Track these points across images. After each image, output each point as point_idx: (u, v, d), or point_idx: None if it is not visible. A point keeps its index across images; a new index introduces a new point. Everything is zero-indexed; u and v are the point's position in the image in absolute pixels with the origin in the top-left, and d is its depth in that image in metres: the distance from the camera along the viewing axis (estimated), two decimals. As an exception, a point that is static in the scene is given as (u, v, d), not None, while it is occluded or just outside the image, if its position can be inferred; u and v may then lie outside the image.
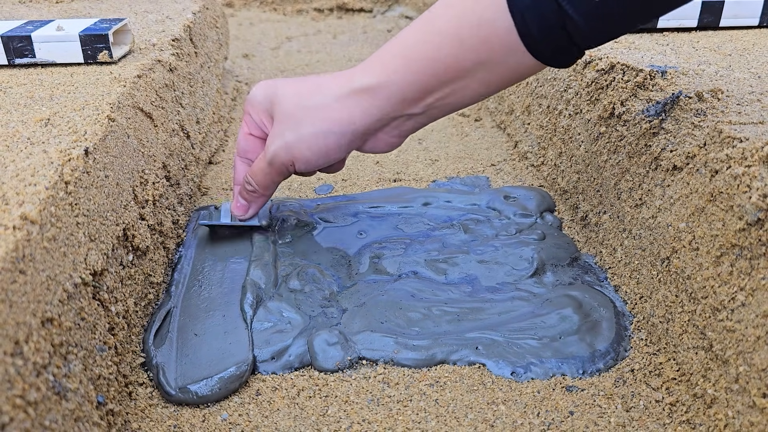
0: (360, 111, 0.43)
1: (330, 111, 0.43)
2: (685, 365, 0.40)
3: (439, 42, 0.39)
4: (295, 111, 0.44)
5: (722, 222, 0.38)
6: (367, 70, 0.42)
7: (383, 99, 0.42)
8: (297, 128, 0.44)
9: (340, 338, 0.44)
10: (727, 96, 0.46)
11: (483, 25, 0.38)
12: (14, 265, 0.29)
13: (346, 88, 0.43)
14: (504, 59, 0.39)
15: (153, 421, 0.38)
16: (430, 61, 0.40)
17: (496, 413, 0.39)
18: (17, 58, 0.55)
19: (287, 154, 0.46)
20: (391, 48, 0.42)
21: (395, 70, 0.41)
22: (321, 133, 0.44)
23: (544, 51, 0.38)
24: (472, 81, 0.40)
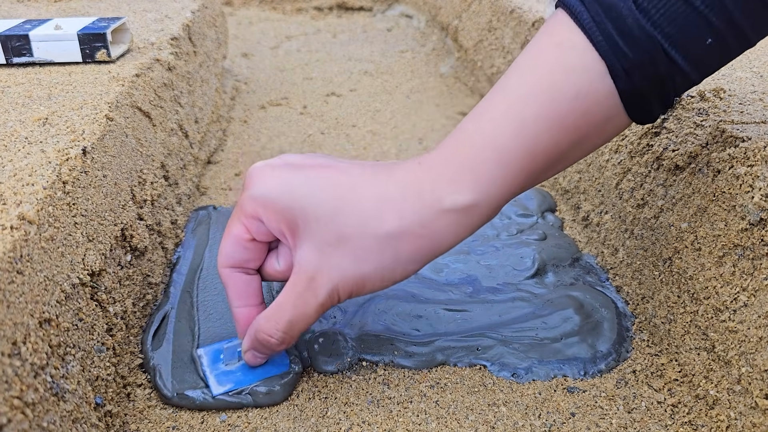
0: (452, 233, 0.34)
1: (416, 239, 0.34)
2: (687, 366, 0.39)
3: (535, 132, 0.32)
4: (364, 237, 0.34)
5: (724, 222, 0.37)
6: (457, 183, 0.34)
7: (478, 217, 0.34)
8: (369, 259, 0.34)
9: (340, 339, 0.43)
10: (729, 95, 0.46)
11: (581, 96, 0.32)
12: (12, 265, 0.29)
13: (433, 210, 0.34)
14: (601, 129, 0.33)
15: (151, 423, 0.38)
16: (529, 158, 0.33)
17: (497, 415, 0.39)
18: (15, 57, 0.55)
19: (351, 290, 0.35)
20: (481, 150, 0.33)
21: (492, 182, 0.33)
22: (402, 263, 0.35)
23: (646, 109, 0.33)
24: (563, 164, 0.35)
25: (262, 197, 0.35)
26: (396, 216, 0.34)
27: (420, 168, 0.35)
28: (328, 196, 0.34)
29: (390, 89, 0.95)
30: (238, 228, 0.37)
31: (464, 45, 0.99)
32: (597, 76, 0.32)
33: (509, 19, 0.83)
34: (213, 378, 0.39)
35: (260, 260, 0.38)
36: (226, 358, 0.41)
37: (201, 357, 0.41)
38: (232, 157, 0.72)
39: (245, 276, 0.38)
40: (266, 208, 0.35)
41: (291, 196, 0.35)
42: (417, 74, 1.02)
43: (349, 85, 0.96)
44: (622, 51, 0.31)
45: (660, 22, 0.31)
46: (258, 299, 0.39)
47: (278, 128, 0.80)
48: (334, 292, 0.35)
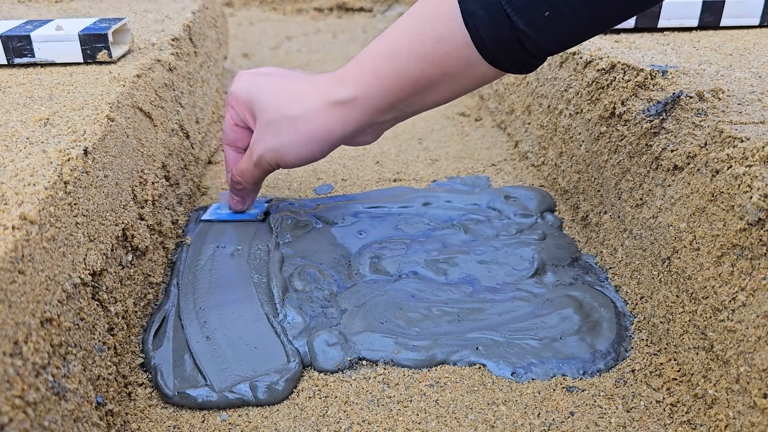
0: (338, 122, 0.46)
1: (309, 123, 0.46)
2: (685, 365, 0.40)
3: (404, 59, 0.42)
4: (277, 119, 0.47)
5: (723, 222, 0.37)
6: (343, 83, 0.45)
7: (359, 111, 0.45)
8: (279, 135, 0.48)
9: (340, 339, 0.43)
10: (728, 96, 0.46)
11: (442, 42, 0.40)
12: (13, 265, 0.29)
13: (323, 100, 0.45)
14: (466, 70, 0.41)
15: (152, 422, 0.38)
16: (398, 77, 0.43)
17: (496, 414, 0.39)
18: (16, 58, 0.55)
19: (272, 158, 0.49)
20: (363, 63, 0.44)
21: (368, 85, 0.44)
22: (302, 141, 0.47)
23: (502, 62, 0.40)
24: (438, 89, 0.43)
25: (234, 93, 0.51)
26: (299, 103, 0.47)
27: (330, 75, 0.47)
28: (270, 93, 0.48)
29: (390, 89, 0.94)
30: (227, 115, 0.53)
31: (464, 45, 0.99)
32: (456, 27, 0.39)
33: (509, 19, 0.83)
34: (208, 212, 0.58)
35: (245, 141, 0.53)
36: (222, 207, 0.59)
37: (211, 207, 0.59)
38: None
39: (235, 153, 0.55)
40: (236, 100, 0.51)
41: (249, 93, 0.50)
42: (417, 74, 1.02)
43: (350, 85, 0.96)
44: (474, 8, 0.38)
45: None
46: None
47: (278, 128, 0.80)
48: (261, 157, 0.50)
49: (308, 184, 0.66)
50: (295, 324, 0.45)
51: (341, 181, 0.66)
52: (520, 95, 0.74)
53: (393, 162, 0.70)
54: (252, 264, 0.51)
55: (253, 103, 0.49)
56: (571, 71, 0.61)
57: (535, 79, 0.70)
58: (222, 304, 0.46)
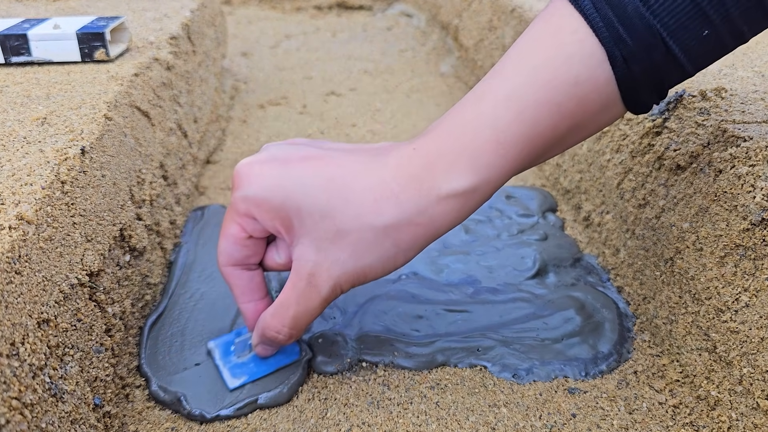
0: (451, 219, 0.34)
1: (415, 228, 0.34)
2: (688, 367, 0.39)
3: (534, 117, 0.33)
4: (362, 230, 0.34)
5: (726, 222, 0.37)
6: (455, 167, 0.33)
7: (476, 200, 0.34)
8: (369, 251, 0.34)
9: (340, 340, 0.43)
10: (731, 95, 0.45)
11: (581, 82, 0.32)
12: (10, 265, 0.29)
13: (430, 197, 0.34)
14: (598, 117, 0.34)
15: (150, 424, 0.38)
16: (527, 143, 0.33)
17: (497, 416, 0.38)
18: (13, 57, 0.55)
19: (353, 282, 0.36)
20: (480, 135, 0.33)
21: (490, 166, 0.33)
22: (402, 252, 0.35)
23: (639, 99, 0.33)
24: (559, 148, 0.35)
25: (254, 197, 0.35)
26: (393, 207, 0.34)
27: (415, 154, 0.34)
28: (321, 190, 0.34)
29: (390, 88, 0.94)
30: (233, 228, 0.37)
31: (464, 44, 0.99)
32: (596, 63, 0.32)
33: (510, 18, 0.83)
34: (227, 371, 0.40)
35: (260, 255, 0.38)
36: (237, 351, 0.41)
37: (213, 350, 0.41)
38: (231, 157, 0.72)
39: (247, 272, 0.38)
40: (259, 207, 0.35)
41: (283, 194, 0.34)
42: (417, 73, 1.01)
43: (349, 84, 0.96)
44: (622, 38, 0.31)
45: (659, 12, 0.31)
46: (263, 292, 0.39)
47: (278, 128, 0.80)
48: (336, 286, 0.35)
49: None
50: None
51: (341, 181, 0.66)
52: (520, 94, 0.74)
53: (393, 161, 0.70)
54: None
55: (302, 209, 0.34)
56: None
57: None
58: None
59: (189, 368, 0.41)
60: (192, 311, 0.46)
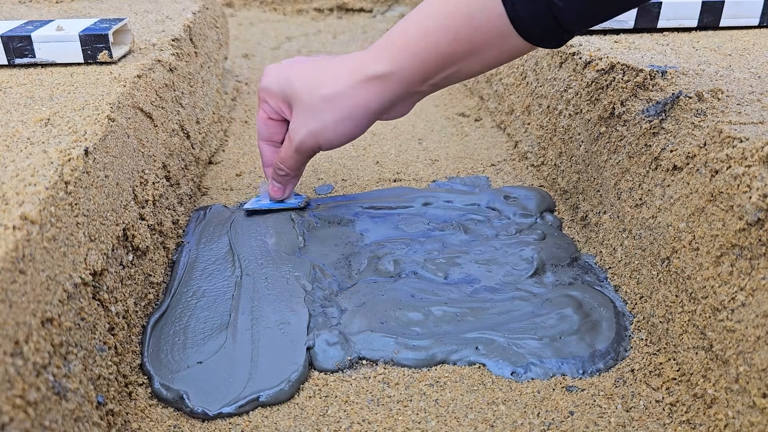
0: (374, 96, 0.47)
1: (347, 99, 0.48)
2: (685, 365, 0.40)
3: (435, 35, 0.43)
4: (314, 101, 0.49)
5: (722, 222, 0.38)
6: (377, 58, 0.46)
7: (394, 84, 0.46)
8: (318, 117, 0.49)
9: (340, 338, 0.43)
10: (727, 96, 0.46)
11: (475, 17, 0.42)
12: (14, 265, 0.29)
13: (359, 76, 0.47)
14: (497, 44, 0.43)
15: (153, 421, 0.38)
16: (430, 53, 0.44)
17: (496, 413, 0.39)
18: (17, 58, 0.55)
19: (313, 140, 0.50)
20: (396, 39, 0.46)
21: (401, 60, 0.45)
22: (342, 119, 0.48)
23: (534, 34, 0.41)
24: (469, 63, 0.45)
25: (265, 87, 0.53)
26: (333, 82, 0.48)
27: (359, 53, 0.48)
28: (302, 79, 0.50)
29: (390, 90, 0.94)
30: (259, 111, 0.55)
31: (464, 45, 0.99)
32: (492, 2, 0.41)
33: (509, 19, 0.83)
34: (249, 203, 0.59)
35: (280, 134, 0.55)
36: (262, 197, 0.60)
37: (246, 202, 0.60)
38: (233, 158, 0.72)
39: (272, 147, 0.56)
40: (269, 94, 0.53)
41: (278, 85, 0.52)
42: (417, 75, 1.02)
43: (350, 85, 0.96)
44: None
45: None
46: None
47: (279, 129, 0.80)
48: (303, 141, 0.51)
49: (308, 184, 0.66)
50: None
51: (341, 181, 0.66)
52: (519, 95, 0.75)
53: (393, 162, 0.70)
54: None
55: (287, 92, 0.51)
56: (571, 72, 0.61)
57: (535, 80, 0.70)
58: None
59: (191, 366, 0.41)
60: (194, 310, 0.46)
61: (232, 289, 0.48)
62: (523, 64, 0.75)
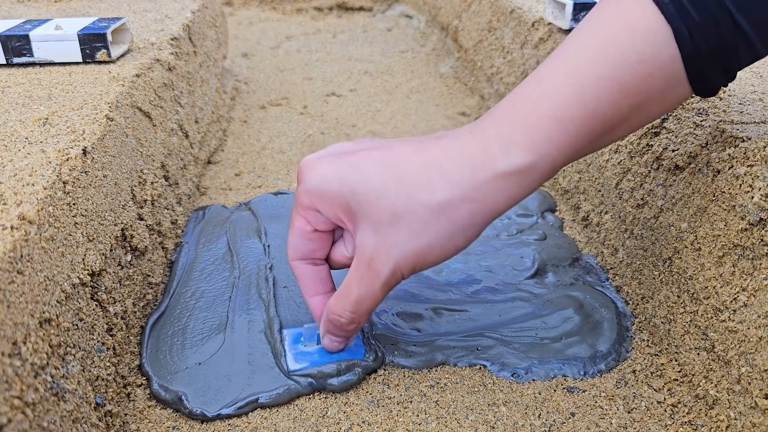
0: (509, 196, 0.34)
1: (470, 204, 0.34)
2: (686, 366, 0.40)
3: (596, 94, 0.32)
4: (417, 210, 0.34)
5: (724, 222, 0.37)
6: (511, 143, 0.33)
7: (535, 178, 0.34)
8: (426, 231, 0.34)
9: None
10: (729, 95, 0.46)
11: (646, 60, 0.32)
12: (12, 265, 0.29)
13: (486, 174, 0.34)
14: (662, 96, 0.33)
15: (152, 423, 0.38)
16: (588, 120, 0.33)
17: (496, 414, 0.39)
18: (15, 57, 0.55)
19: (413, 265, 0.36)
20: (536, 106, 0.33)
21: (549, 142, 0.33)
22: (460, 230, 0.35)
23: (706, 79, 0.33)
24: (622, 129, 0.34)
25: (316, 188, 0.36)
26: (447, 184, 0.34)
27: (471, 134, 0.35)
28: (376, 175, 0.35)
29: (390, 89, 0.95)
30: (299, 221, 0.38)
31: (464, 45, 0.99)
32: (662, 41, 0.31)
33: (509, 19, 0.83)
34: (291, 355, 0.41)
35: (326, 249, 0.39)
36: (306, 340, 0.42)
37: (285, 337, 0.43)
38: (232, 157, 0.72)
39: (313, 267, 0.39)
40: (321, 198, 0.36)
41: (341, 183, 0.35)
42: (417, 74, 1.02)
43: (349, 85, 0.96)
44: (689, 13, 0.31)
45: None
46: (328, 287, 0.40)
47: (278, 128, 0.80)
48: (396, 269, 0.35)
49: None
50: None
51: (341, 181, 0.66)
52: (520, 95, 0.74)
53: (393, 162, 0.70)
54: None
55: (358, 194, 0.35)
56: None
57: (536, 79, 0.70)
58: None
59: (190, 367, 0.41)
60: (193, 310, 0.46)
61: (230, 290, 0.48)
62: (524, 63, 0.75)
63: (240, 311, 0.46)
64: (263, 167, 0.69)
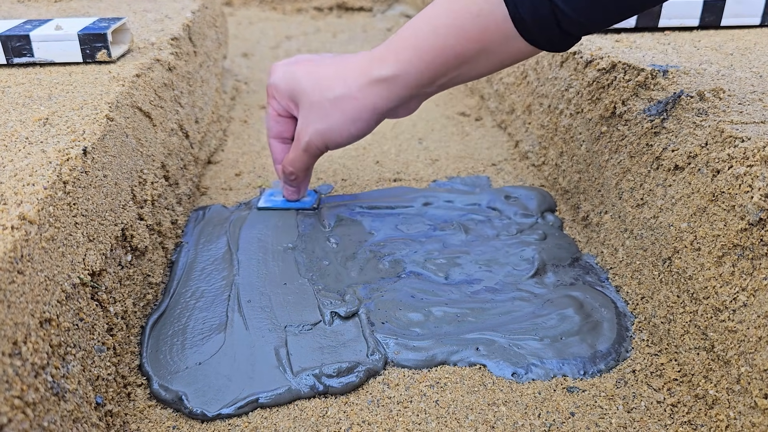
0: (381, 98, 0.47)
1: (353, 101, 0.48)
2: (686, 366, 0.40)
3: (444, 34, 0.43)
4: (321, 102, 0.49)
5: (724, 222, 0.37)
6: (383, 60, 0.46)
7: (400, 86, 0.47)
8: (325, 118, 0.49)
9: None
10: (728, 95, 0.46)
11: (481, 16, 0.42)
12: (12, 265, 0.29)
13: (365, 78, 0.47)
14: (502, 46, 0.43)
15: (152, 422, 0.38)
16: (438, 52, 0.44)
17: (496, 414, 0.39)
18: (16, 58, 0.55)
19: (320, 140, 0.51)
20: (403, 39, 0.46)
21: (408, 61, 0.45)
22: (349, 120, 0.49)
23: (538, 38, 0.42)
24: (476, 64, 0.45)
25: (273, 84, 0.53)
26: (342, 85, 0.48)
27: (366, 53, 0.49)
28: (309, 78, 0.50)
29: (390, 89, 0.94)
30: (268, 108, 0.55)
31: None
32: (495, 2, 0.41)
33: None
34: (263, 198, 0.60)
35: (291, 131, 0.55)
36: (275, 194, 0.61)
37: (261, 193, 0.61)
38: (232, 157, 0.72)
39: (282, 144, 0.56)
40: (276, 90, 0.53)
41: (286, 82, 0.52)
42: (417, 74, 1.01)
43: (349, 85, 0.96)
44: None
45: None
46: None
47: (278, 128, 0.80)
48: (310, 142, 0.51)
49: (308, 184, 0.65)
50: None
51: (341, 181, 0.66)
52: (520, 95, 0.74)
53: (393, 162, 0.70)
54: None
55: (294, 90, 0.51)
56: (572, 71, 0.61)
57: (536, 79, 0.70)
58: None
59: (190, 367, 0.41)
60: (193, 310, 0.46)
61: (230, 290, 0.48)
62: (523, 63, 0.75)
63: (241, 311, 0.46)
64: (263, 167, 0.69)
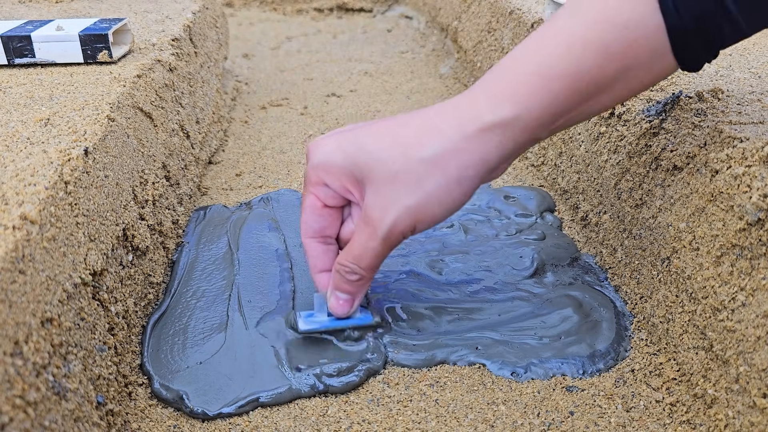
0: (495, 147, 0.36)
1: (461, 154, 0.36)
2: (685, 365, 0.40)
3: (581, 52, 0.34)
4: (408, 167, 0.36)
5: (722, 222, 0.38)
6: (495, 100, 0.36)
7: (519, 130, 0.36)
8: (418, 187, 0.36)
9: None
10: (727, 96, 0.46)
11: (629, 27, 0.33)
12: (14, 265, 0.29)
13: (474, 125, 0.36)
14: (647, 65, 0.35)
15: (153, 422, 0.38)
16: (572, 77, 0.34)
17: (496, 413, 0.39)
18: (17, 58, 0.55)
19: (410, 221, 0.37)
20: (522, 65, 0.35)
21: (532, 94, 0.35)
22: (454, 182, 0.37)
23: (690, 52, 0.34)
24: (610, 92, 0.36)
25: (322, 163, 0.39)
26: (437, 139, 0.36)
27: (462, 95, 0.37)
28: (375, 143, 0.37)
29: (390, 90, 0.95)
30: (310, 198, 0.40)
31: (464, 46, 0.99)
32: (648, 10, 0.33)
33: (508, 20, 0.83)
34: (302, 319, 0.43)
35: (335, 226, 0.41)
36: (317, 311, 0.43)
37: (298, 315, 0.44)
38: (233, 158, 0.72)
39: (324, 245, 0.42)
40: (327, 171, 0.39)
41: (344, 155, 0.38)
42: (417, 75, 1.02)
43: (350, 85, 0.96)
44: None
45: None
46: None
47: (279, 128, 0.80)
48: (394, 225, 0.37)
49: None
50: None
51: (341, 182, 0.66)
52: (519, 95, 0.74)
53: (393, 162, 0.70)
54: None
55: (359, 163, 0.38)
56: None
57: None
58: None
59: (191, 366, 0.41)
60: (194, 310, 0.46)
61: (231, 290, 0.48)
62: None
63: (241, 310, 0.46)
64: (264, 167, 0.70)
